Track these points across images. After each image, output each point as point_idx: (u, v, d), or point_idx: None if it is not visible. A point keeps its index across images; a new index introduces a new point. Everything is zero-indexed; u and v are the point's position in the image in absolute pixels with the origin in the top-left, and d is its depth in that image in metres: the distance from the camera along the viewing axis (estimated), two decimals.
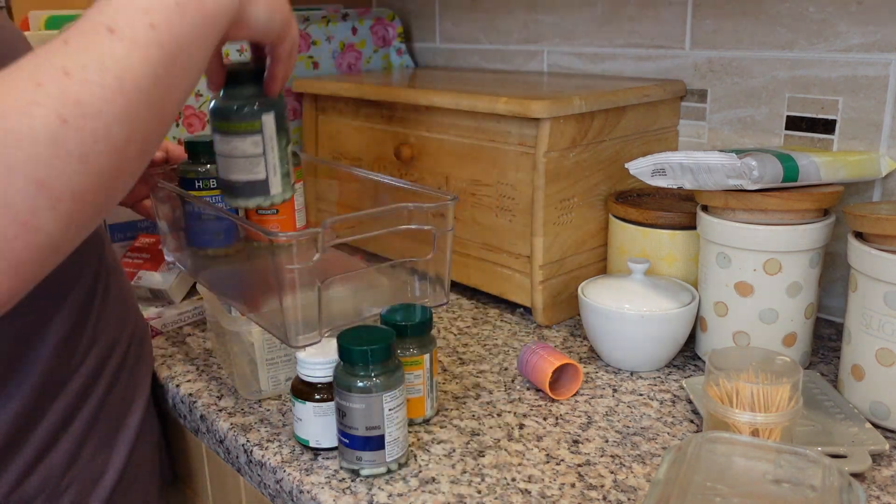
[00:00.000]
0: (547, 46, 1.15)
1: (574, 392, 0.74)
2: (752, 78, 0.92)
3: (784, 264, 0.73)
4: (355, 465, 0.61)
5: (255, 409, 0.73)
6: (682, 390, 0.75)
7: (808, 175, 0.73)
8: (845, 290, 0.87)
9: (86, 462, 0.67)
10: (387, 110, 1.03)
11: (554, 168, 0.85)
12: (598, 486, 0.60)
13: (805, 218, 0.73)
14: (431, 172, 0.98)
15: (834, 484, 0.48)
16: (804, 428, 0.65)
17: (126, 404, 0.72)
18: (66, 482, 0.65)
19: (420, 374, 0.67)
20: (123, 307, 0.74)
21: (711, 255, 0.77)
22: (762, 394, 0.58)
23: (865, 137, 0.84)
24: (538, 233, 0.86)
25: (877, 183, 0.85)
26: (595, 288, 0.81)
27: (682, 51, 0.98)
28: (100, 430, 0.69)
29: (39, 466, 0.63)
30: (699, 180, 0.74)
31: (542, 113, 0.82)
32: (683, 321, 0.77)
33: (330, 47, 1.27)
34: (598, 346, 0.80)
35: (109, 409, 0.70)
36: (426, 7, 1.32)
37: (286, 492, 0.63)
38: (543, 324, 0.90)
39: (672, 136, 1.00)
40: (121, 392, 0.72)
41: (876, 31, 0.81)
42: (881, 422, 0.67)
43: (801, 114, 0.89)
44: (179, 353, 0.85)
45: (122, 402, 0.72)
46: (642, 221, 0.86)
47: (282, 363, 0.74)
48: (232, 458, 0.70)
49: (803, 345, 0.77)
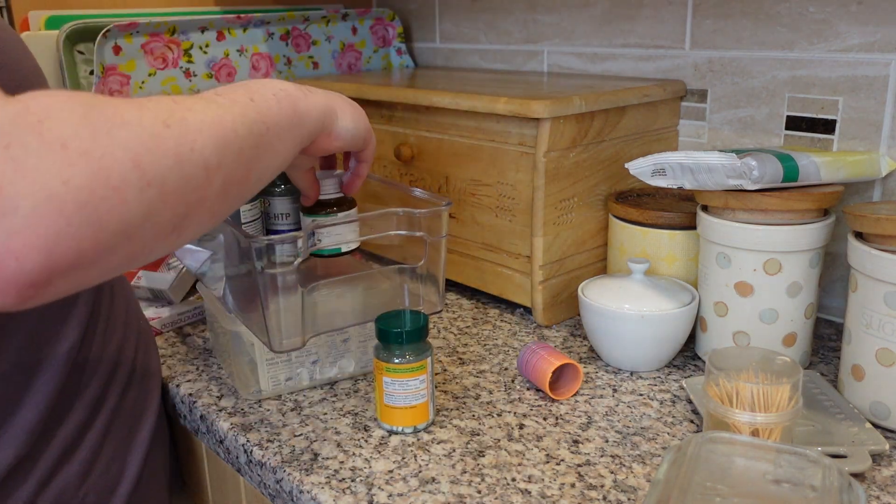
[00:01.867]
0: (547, 46, 1.15)
1: (574, 392, 0.74)
2: (752, 78, 0.92)
3: (784, 264, 0.73)
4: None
5: (255, 409, 0.73)
6: (682, 390, 0.75)
7: (808, 175, 0.73)
8: (845, 290, 0.87)
9: (101, 472, 0.66)
10: (387, 110, 1.03)
11: (554, 168, 0.85)
12: (598, 486, 0.60)
13: (805, 218, 0.73)
14: (431, 172, 0.98)
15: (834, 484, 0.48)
16: (804, 428, 0.65)
17: (138, 411, 0.72)
18: (82, 493, 0.64)
19: (424, 378, 0.67)
20: (128, 311, 0.74)
21: (711, 255, 0.77)
22: (762, 394, 0.58)
23: (865, 137, 0.84)
24: (538, 233, 0.86)
25: (877, 183, 0.85)
26: (595, 288, 0.81)
27: (682, 51, 0.98)
28: (114, 439, 0.68)
29: (56, 479, 0.62)
30: (699, 180, 0.74)
31: (542, 113, 0.82)
32: (683, 321, 0.77)
33: (330, 47, 1.27)
34: (598, 346, 0.80)
35: (122, 417, 0.69)
36: (426, 7, 1.32)
37: (286, 492, 0.63)
38: (543, 324, 0.90)
39: (672, 136, 1.00)
40: (132, 399, 0.71)
41: (876, 31, 0.81)
42: (881, 422, 0.67)
43: (801, 114, 0.89)
44: (179, 353, 0.85)
45: (134, 409, 0.71)
46: (642, 221, 0.86)
47: (282, 363, 0.74)
48: (232, 458, 0.70)
49: (803, 345, 0.77)
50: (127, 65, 1.05)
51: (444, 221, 0.71)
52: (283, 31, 1.20)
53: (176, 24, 1.09)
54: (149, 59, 1.07)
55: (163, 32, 1.08)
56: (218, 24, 1.13)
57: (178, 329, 0.91)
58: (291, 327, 0.67)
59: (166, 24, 1.08)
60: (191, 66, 1.11)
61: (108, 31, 1.02)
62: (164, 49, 1.08)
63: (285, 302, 0.65)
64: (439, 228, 0.71)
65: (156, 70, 1.08)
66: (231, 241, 0.71)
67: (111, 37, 1.03)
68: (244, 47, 1.16)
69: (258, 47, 1.18)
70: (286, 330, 0.67)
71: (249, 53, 1.17)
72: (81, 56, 1.06)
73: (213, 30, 1.12)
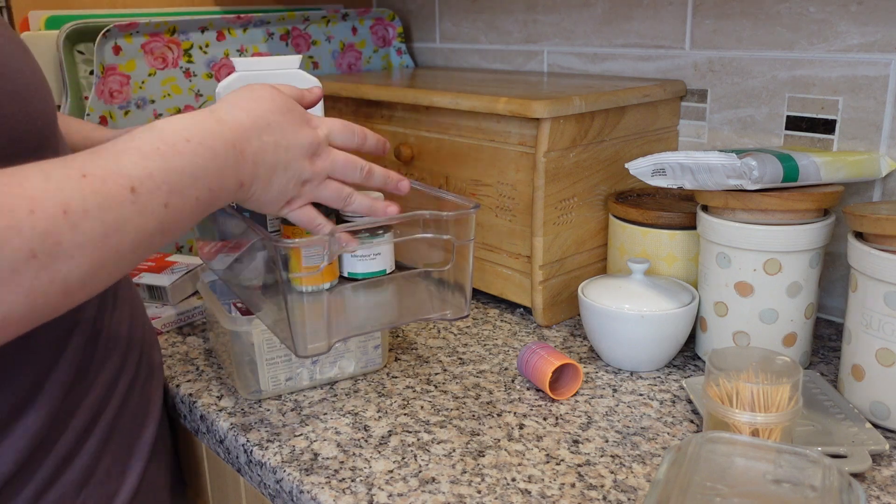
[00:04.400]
0: (547, 46, 1.15)
1: (574, 392, 0.74)
2: (752, 78, 0.92)
3: (784, 264, 0.73)
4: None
5: (255, 409, 0.73)
6: (682, 390, 0.75)
7: (808, 175, 0.73)
8: (845, 290, 0.87)
9: (100, 480, 0.66)
10: (387, 110, 1.03)
11: (554, 168, 0.85)
12: (598, 486, 0.60)
13: (805, 218, 0.73)
14: (431, 172, 0.98)
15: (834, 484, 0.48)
16: (804, 428, 0.65)
17: (140, 418, 0.71)
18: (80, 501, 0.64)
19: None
20: (133, 317, 0.73)
21: (711, 255, 0.77)
22: (762, 394, 0.58)
23: (865, 137, 0.84)
24: (538, 233, 0.86)
25: (877, 183, 0.85)
26: (595, 288, 0.81)
27: (682, 51, 0.98)
28: (114, 447, 0.68)
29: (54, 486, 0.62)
30: (699, 180, 0.74)
31: (542, 113, 0.82)
32: (683, 321, 0.77)
33: (330, 47, 1.27)
34: (598, 346, 0.80)
35: (124, 423, 0.69)
36: (426, 7, 1.32)
37: (286, 492, 0.63)
38: (543, 324, 0.90)
39: (672, 136, 1.00)
40: (134, 406, 0.70)
41: (876, 31, 0.81)
42: (881, 422, 0.67)
43: (801, 114, 0.89)
44: (179, 353, 0.85)
45: (135, 416, 0.71)
46: (642, 221, 0.86)
47: (282, 363, 0.74)
48: (232, 458, 0.70)
49: (803, 345, 0.77)
50: (127, 65, 1.05)
51: (472, 225, 0.70)
52: (283, 31, 1.20)
53: (176, 24, 1.09)
54: (149, 59, 1.07)
55: (163, 32, 1.08)
56: (218, 24, 1.13)
57: (178, 329, 0.91)
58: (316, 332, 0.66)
59: (166, 24, 1.08)
60: (191, 66, 1.11)
61: (108, 31, 1.02)
62: (164, 49, 1.08)
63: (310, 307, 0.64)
64: (467, 232, 0.70)
65: (156, 70, 1.08)
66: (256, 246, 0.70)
67: (111, 37, 1.03)
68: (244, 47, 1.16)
69: (258, 47, 1.18)
70: (311, 335, 0.66)
71: (249, 53, 1.17)
72: (81, 56, 1.06)
73: (213, 30, 1.12)
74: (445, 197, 0.72)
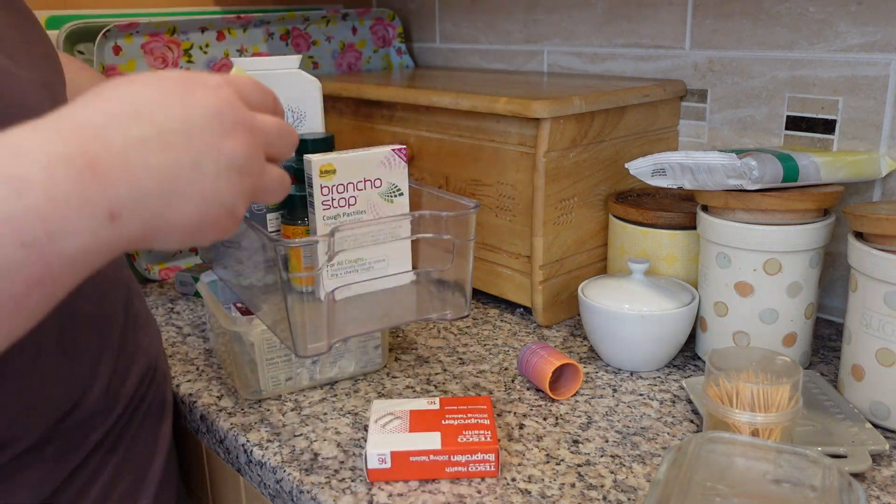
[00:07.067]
0: (547, 46, 1.15)
1: (574, 392, 0.74)
2: (752, 78, 0.92)
3: (784, 264, 0.73)
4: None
5: (255, 409, 0.73)
6: (682, 390, 0.75)
7: (808, 175, 0.73)
8: (845, 290, 0.87)
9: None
10: (387, 110, 1.03)
11: (554, 168, 0.85)
12: (598, 486, 0.60)
13: (805, 218, 0.73)
14: (431, 172, 0.98)
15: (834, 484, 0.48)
16: (804, 428, 0.65)
17: (149, 452, 0.70)
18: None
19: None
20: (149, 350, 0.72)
21: (711, 255, 0.77)
22: (762, 394, 0.58)
23: (865, 137, 0.84)
24: (538, 233, 0.86)
25: (877, 183, 0.85)
26: (595, 288, 0.81)
27: (682, 51, 0.98)
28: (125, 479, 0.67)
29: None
30: (699, 180, 0.74)
31: (542, 113, 0.82)
32: (683, 321, 0.77)
33: (330, 47, 1.27)
34: (598, 346, 0.80)
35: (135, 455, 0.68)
36: (426, 7, 1.32)
37: (286, 492, 0.63)
38: (543, 324, 0.90)
39: (672, 136, 1.00)
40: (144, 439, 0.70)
41: (876, 31, 0.81)
42: (881, 422, 0.67)
43: (801, 114, 0.89)
44: (179, 353, 0.85)
45: (146, 447, 0.70)
46: (642, 221, 0.86)
47: (282, 363, 0.74)
48: (232, 458, 0.70)
49: (803, 345, 0.77)
50: (127, 65, 1.05)
51: (472, 224, 0.70)
52: (283, 31, 1.20)
53: (176, 24, 1.09)
54: (149, 60, 1.07)
55: (163, 32, 1.08)
56: (218, 25, 1.13)
57: (178, 329, 0.91)
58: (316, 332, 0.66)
59: (166, 24, 1.08)
60: (191, 67, 1.11)
61: (108, 31, 1.02)
62: (164, 49, 1.08)
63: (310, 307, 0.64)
64: (467, 232, 0.70)
65: (156, 70, 1.08)
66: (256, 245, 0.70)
67: (111, 37, 1.03)
68: (244, 47, 1.16)
69: (258, 47, 1.18)
70: (311, 335, 0.66)
71: (249, 54, 1.17)
72: (81, 56, 1.06)
73: (213, 30, 1.12)
74: (445, 197, 0.72)
